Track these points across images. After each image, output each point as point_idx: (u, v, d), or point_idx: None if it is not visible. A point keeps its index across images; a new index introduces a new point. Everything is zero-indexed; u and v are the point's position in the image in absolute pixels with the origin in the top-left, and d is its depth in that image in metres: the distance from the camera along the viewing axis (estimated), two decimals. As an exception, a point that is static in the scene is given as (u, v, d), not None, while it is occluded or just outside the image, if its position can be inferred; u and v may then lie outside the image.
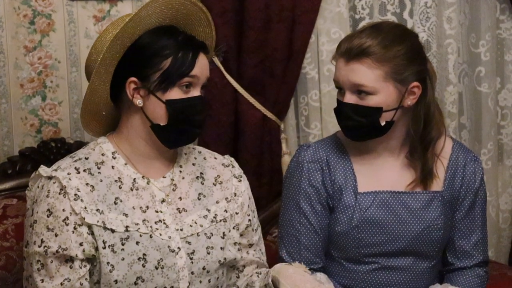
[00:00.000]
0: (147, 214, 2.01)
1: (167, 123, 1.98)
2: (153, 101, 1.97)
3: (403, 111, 2.21)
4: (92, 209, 1.95)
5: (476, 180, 2.32)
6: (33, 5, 2.72)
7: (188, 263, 2.01)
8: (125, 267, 1.95)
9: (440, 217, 2.27)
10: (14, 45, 2.73)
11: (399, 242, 2.25)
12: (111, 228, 1.95)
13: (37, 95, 2.77)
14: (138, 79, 1.97)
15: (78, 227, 1.93)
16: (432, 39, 2.98)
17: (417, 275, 2.29)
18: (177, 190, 2.07)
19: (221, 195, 2.12)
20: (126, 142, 2.04)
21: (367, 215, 2.23)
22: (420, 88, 2.19)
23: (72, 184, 1.95)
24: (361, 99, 2.16)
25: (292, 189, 2.29)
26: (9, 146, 2.77)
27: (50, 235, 1.93)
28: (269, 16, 2.79)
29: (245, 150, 2.86)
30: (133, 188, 2.01)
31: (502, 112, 3.17)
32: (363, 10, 2.96)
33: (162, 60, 1.96)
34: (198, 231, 2.05)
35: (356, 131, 2.20)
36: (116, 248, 1.95)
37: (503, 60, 3.14)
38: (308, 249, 2.27)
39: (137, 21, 1.96)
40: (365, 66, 2.14)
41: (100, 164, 2.01)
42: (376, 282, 2.27)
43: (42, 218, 1.94)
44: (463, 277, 2.34)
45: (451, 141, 2.35)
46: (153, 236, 1.98)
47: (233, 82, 2.83)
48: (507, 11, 3.10)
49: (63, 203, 1.93)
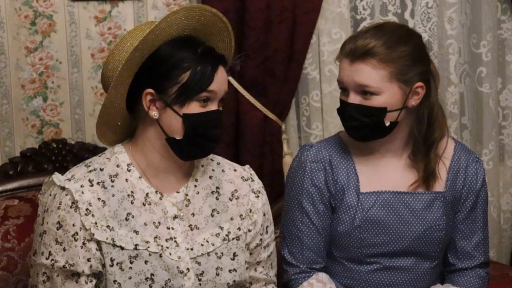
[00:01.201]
0: (159, 230, 1.97)
1: (183, 137, 1.94)
2: (169, 114, 1.93)
3: (407, 112, 2.21)
4: (103, 225, 1.92)
5: (478, 181, 2.32)
6: (34, 6, 2.72)
7: (196, 284, 1.98)
8: (132, 286, 1.93)
9: (442, 218, 2.27)
10: (15, 46, 2.73)
11: (401, 242, 2.25)
12: (120, 245, 1.93)
13: (38, 96, 2.77)
14: (155, 91, 1.93)
15: (87, 242, 1.91)
16: (433, 39, 2.97)
17: (419, 276, 2.29)
18: (190, 206, 2.03)
19: (236, 211, 2.08)
20: (141, 154, 2.00)
21: (369, 215, 2.23)
22: (424, 88, 2.20)
23: (84, 199, 1.92)
24: (366, 99, 2.17)
25: (294, 189, 2.29)
26: (10, 147, 2.77)
27: (59, 249, 1.91)
28: (270, 16, 2.79)
29: (246, 150, 2.86)
30: (145, 203, 1.98)
31: (504, 113, 3.16)
32: (364, 11, 2.96)
33: (181, 73, 1.92)
34: (209, 250, 2.01)
35: (360, 131, 2.20)
36: (124, 266, 1.93)
37: (504, 61, 3.13)
38: (310, 249, 2.27)
39: (157, 32, 1.91)
40: (370, 67, 2.14)
41: (114, 177, 1.97)
42: (377, 283, 2.27)
43: (51, 229, 1.92)
44: (464, 278, 2.34)
45: (453, 142, 2.35)
46: (163, 256, 1.95)
47: (234, 83, 2.83)
48: (508, 12, 3.10)
49: (73, 217, 1.91)
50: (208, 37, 2.01)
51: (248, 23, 2.77)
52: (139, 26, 2.01)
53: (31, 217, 2.40)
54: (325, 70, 2.92)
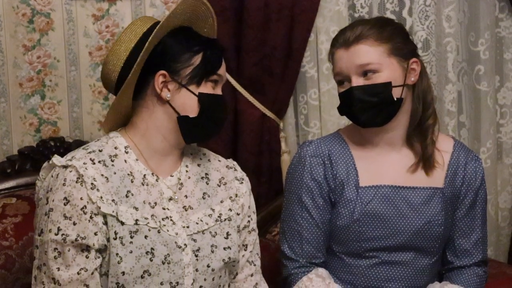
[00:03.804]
0: (155, 210, 2.02)
1: (198, 115, 2.02)
2: (184, 94, 2.01)
3: (407, 91, 2.24)
4: (108, 199, 1.95)
5: (477, 179, 2.33)
6: (32, 4, 2.71)
7: (193, 260, 2.02)
8: (133, 260, 1.95)
9: (440, 213, 2.27)
10: (13, 44, 2.72)
11: (400, 237, 2.25)
12: (121, 221, 1.96)
13: (36, 94, 2.77)
14: (168, 73, 2.00)
15: (94, 216, 1.94)
16: (431, 37, 2.98)
17: (418, 271, 2.29)
18: (183, 188, 2.08)
19: (225, 194, 2.14)
20: (141, 137, 2.05)
21: (368, 209, 2.24)
22: (419, 64, 2.25)
23: (88, 174, 1.95)
24: (369, 79, 2.19)
25: (294, 184, 2.30)
26: (8, 145, 2.77)
27: (68, 223, 1.92)
28: (268, 14, 2.79)
29: (245, 149, 2.86)
30: (143, 183, 2.03)
31: (501, 111, 3.17)
32: (362, 9, 2.96)
33: (193, 55, 2.01)
34: (204, 228, 2.06)
35: (370, 112, 2.21)
36: (125, 240, 1.95)
37: (502, 59, 3.14)
38: (310, 243, 2.28)
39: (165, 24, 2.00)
40: (368, 45, 2.19)
41: (113, 157, 2.02)
42: (376, 277, 2.28)
43: (58, 206, 1.93)
44: (462, 276, 2.34)
45: (452, 140, 2.36)
46: (161, 232, 2.00)
47: (232, 81, 2.83)
48: (506, 10, 3.10)
49: (80, 191, 1.93)
50: (195, 24, 2.09)
51: (246, 21, 2.77)
52: (130, 29, 2.04)
53: (29, 216, 2.40)
54: (323, 68, 2.93)
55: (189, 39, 2.03)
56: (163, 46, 2.01)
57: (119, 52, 2.01)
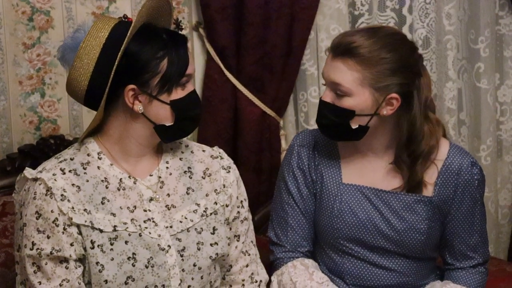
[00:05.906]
0: (135, 213, 2.00)
1: (174, 123, 1.98)
2: (156, 105, 1.96)
3: (381, 119, 2.17)
4: (80, 209, 1.94)
5: (473, 184, 2.25)
6: (31, 2, 2.71)
7: (178, 260, 2.00)
8: (115, 267, 1.94)
9: (423, 221, 2.24)
10: (13, 42, 2.72)
11: (379, 238, 2.24)
12: (99, 228, 1.94)
13: (36, 92, 2.77)
14: (136, 86, 1.94)
15: (67, 227, 1.92)
16: (431, 35, 2.98)
17: (403, 273, 2.27)
18: (165, 186, 2.05)
19: (210, 187, 2.11)
20: (114, 143, 2.01)
21: (347, 206, 2.24)
22: (398, 101, 2.14)
23: (57, 185, 1.94)
24: (337, 98, 2.16)
25: (283, 171, 2.33)
26: (8, 143, 2.77)
27: (42, 237, 1.92)
28: (268, 12, 2.79)
29: (245, 146, 2.86)
30: (120, 188, 2.00)
31: (501, 108, 3.17)
32: (362, 6, 2.96)
33: (159, 62, 1.93)
34: (189, 226, 2.04)
35: (329, 130, 2.21)
36: (105, 248, 1.94)
37: (502, 56, 3.14)
38: (294, 231, 2.29)
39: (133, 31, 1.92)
40: (346, 67, 2.12)
41: (85, 164, 2.00)
42: (361, 276, 2.27)
43: (31, 220, 1.93)
44: (464, 274, 2.32)
45: (448, 145, 2.28)
46: (143, 235, 1.98)
47: (232, 79, 2.83)
48: (506, 7, 3.10)
49: (50, 204, 1.92)
50: (151, 16, 1.99)
51: (246, 19, 2.77)
52: (96, 23, 1.96)
53: (29, 214, 2.40)
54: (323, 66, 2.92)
55: (152, 41, 1.94)
56: (129, 57, 1.92)
57: (83, 67, 1.93)
